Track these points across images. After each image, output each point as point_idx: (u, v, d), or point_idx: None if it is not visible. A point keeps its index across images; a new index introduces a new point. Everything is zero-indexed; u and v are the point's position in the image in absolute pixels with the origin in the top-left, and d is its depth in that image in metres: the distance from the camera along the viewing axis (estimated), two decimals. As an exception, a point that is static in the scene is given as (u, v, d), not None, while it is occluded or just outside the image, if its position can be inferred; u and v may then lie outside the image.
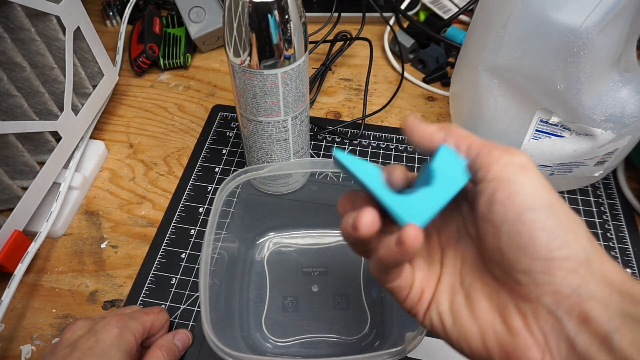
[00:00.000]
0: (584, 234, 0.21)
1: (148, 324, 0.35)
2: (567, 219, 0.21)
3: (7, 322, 0.40)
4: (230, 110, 0.55)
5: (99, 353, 0.31)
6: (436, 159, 0.23)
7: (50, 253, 0.44)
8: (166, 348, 0.35)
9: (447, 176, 0.22)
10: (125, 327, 0.33)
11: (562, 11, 0.34)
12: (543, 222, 0.20)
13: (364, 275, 0.41)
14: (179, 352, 0.36)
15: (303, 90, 0.38)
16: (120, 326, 0.33)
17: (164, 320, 0.37)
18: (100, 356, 0.31)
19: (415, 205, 0.22)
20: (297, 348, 0.38)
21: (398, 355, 0.29)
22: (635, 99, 0.37)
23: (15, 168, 0.42)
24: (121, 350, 0.31)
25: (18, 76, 0.40)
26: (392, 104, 0.56)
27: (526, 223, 0.20)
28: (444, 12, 0.61)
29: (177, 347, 0.36)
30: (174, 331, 0.37)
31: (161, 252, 0.43)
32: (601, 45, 0.34)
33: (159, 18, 0.60)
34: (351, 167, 0.23)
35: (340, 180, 0.47)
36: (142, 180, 0.49)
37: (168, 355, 0.34)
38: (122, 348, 0.32)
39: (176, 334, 0.36)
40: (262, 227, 0.44)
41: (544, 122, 0.40)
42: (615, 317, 0.19)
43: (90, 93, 0.48)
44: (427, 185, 0.23)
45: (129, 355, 0.32)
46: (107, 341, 0.31)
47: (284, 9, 0.32)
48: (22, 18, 0.39)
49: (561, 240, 0.20)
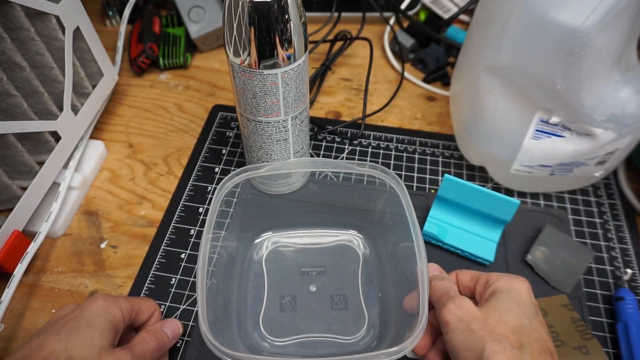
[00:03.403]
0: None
1: (136, 306, 0.35)
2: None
3: (6, 322, 0.40)
4: (230, 110, 0.55)
5: (82, 320, 0.31)
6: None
7: (49, 253, 0.44)
8: (154, 333, 0.34)
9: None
10: (112, 300, 0.33)
11: (562, 11, 0.34)
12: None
13: (362, 275, 0.41)
14: (168, 341, 0.35)
15: (303, 90, 0.38)
16: (107, 300, 0.33)
17: (152, 306, 0.36)
18: (83, 322, 0.30)
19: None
20: (295, 348, 0.37)
21: (396, 355, 0.29)
22: (635, 99, 0.37)
23: (15, 168, 0.42)
24: (106, 319, 0.31)
25: (17, 76, 0.40)
26: (392, 104, 0.56)
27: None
28: (444, 12, 0.61)
29: (166, 335, 0.35)
30: (163, 320, 0.36)
31: (161, 252, 0.43)
32: (601, 45, 0.34)
33: (159, 18, 0.60)
34: None
35: (340, 180, 0.47)
36: (141, 180, 0.49)
37: (156, 340, 0.34)
38: (107, 318, 0.31)
39: (165, 323, 0.36)
40: (261, 227, 0.44)
41: (544, 122, 0.40)
42: None
43: (90, 93, 0.48)
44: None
45: (113, 326, 0.32)
46: (92, 311, 0.31)
47: (284, 8, 0.32)
48: (22, 18, 0.39)
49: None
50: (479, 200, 0.40)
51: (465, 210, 0.42)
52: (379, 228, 0.43)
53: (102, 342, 0.30)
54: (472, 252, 0.42)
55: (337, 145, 0.52)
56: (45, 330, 0.31)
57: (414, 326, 0.30)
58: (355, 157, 0.51)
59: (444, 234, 0.42)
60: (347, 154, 0.51)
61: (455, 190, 0.41)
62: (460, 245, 0.42)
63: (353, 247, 0.43)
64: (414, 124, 0.54)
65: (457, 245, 0.42)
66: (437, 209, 0.43)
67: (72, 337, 0.30)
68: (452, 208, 0.43)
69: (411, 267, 0.34)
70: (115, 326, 0.32)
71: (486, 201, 0.40)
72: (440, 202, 0.43)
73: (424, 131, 0.53)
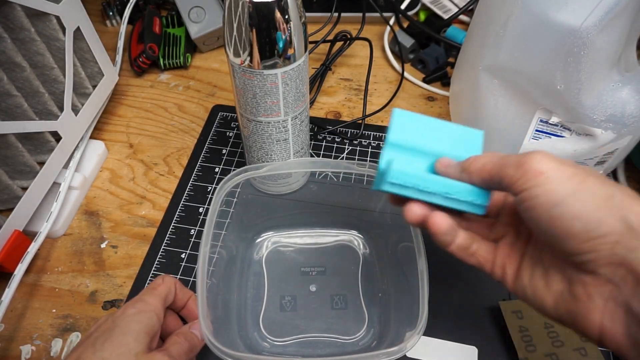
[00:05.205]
0: (617, 204, 0.22)
1: (163, 293, 0.34)
2: (595, 197, 0.22)
3: (7, 322, 0.40)
4: (230, 110, 0.55)
5: (116, 328, 0.30)
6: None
7: (50, 253, 0.44)
8: (183, 334, 0.34)
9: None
10: (141, 305, 0.32)
11: (562, 11, 0.34)
12: (572, 212, 0.22)
13: (362, 275, 0.41)
14: (198, 341, 0.34)
15: (303, 90, 0.38)
16: (136, 306, 0.32)
17: (172, 282, 0.36)
18: (116, 330, 0.30)
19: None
20: (295, 347, 0.38)
21: (396, 354, 0.29)
22: (635, 99, 0.37)
23: (15, 168, 0.42)
24: (140, 323, 0.31)
25: (18, 76, 0.40)
26: (392, 104, 0.56)
27: (557, 218, 0.23)
28: (444, 12, 0.61)
29: (196, 335, 0.34)
30: (190, 323, 0.36)
31: (161, 252, 0.43)
32: (601, 45, 0.34)
33: (159, 18, 0.60)
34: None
35: (340, 180, 0.47)
36: (142, 180, 0.49)
37: (187, 341, 0.33)
38: (141, 322, 0.31)
39: (192, 324, 0.35)
40: (261, 227, 0.44)
41: (544, 122, 0.40)
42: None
43: (90, 93, 0.48)
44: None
45: (148, 330, 0.31)
46: (125, 317, 0.31)
47: (284, 9, 0.32)
48: (22, 18, 0.39)
49: (595, 220, 0.22)
50: (440, 139, 0.29)
51: (426, 157, 0.29)
52: (379, 228, 0.43)
53: (138, 347, 0.30)
54: (461, 197, 0.28)
55: (337, 146, 0.52)
56: (82, 344, 0.31)
57: (414, 326, 0.30)
58: (355, 157, 0.51)
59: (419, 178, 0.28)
60: (347, 154, 0.51)
61: (409, 130, 0.29)
62: (442, 190, 0.28)
63: (353, 247, 0.43)
64: (414, 124, 0.54)
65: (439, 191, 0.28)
66: (397, 163, 0.28)
67: (107, 346, 0.29)
68: (411, 156, 0.29)
69: (411, 267, 0.34)
70: (150, 329, 0.31)
71: (449, 138, 0.30)
72: (395, 151, 0.29)
73: (424, 131, 0.53)
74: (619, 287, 0.22)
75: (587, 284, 0.23)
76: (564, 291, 0.25)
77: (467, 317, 0.39)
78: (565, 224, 0.22)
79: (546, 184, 0.23)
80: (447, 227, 0.27)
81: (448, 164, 0.28)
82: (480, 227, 0.30)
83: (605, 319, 0.23)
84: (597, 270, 0.23)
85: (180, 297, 0.36)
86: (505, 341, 0.38)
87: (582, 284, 0.24)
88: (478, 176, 0.26)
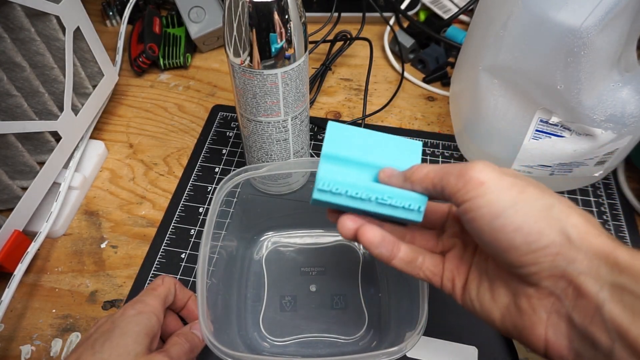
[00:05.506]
0: (556, 215, 0.22)
1: (163, 294, 0.34)
2: (534, 208, 0.22)
3: (6, 322, 0.40)
4: (230, 110, 0.55)
5: (115, 329, 0.30)
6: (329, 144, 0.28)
7: (50, 253, 0.44)
8: (184, 335, 0.34)
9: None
10: (141, 306, 0.32)
11: (562, 11, 0.34)
12: (513, 224, 0.22)
13: (362, 275, 0.41)
14: (199, 342, 0.34)
15: (303, 90, 0.38)
16: (136, 307, 0.32)
17: (171, 282, 0.36)
18: (116, 332, 0.30)
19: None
20: (295, 348, 0.38)
21: (396, 355, 0.29)
22: (635, 99, 0.37)
23: (15, 168, 0.42)
24: (139, 324, 0.31)
25: (18, 76, 0.40)
26: (392, 104, 0.56)
27: (499, 230, 0.22)
28: (444, 12, 0.61)
29: (196, 336, 0.34)
30: (191, 323, 0.36)
31: (161, 252, 0.43)
32: (601, 45, 0.34)
33: (159, 18, 0.60)
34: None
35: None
36: (142, 180, 0.49)
37: (188, 342, 0.33)
38: (141, 323, 0.31)
39: (193, 325, 0.35)
40: (261, 227, 0.44)
41: (544, 122, 0.40)
42: (605, 288, 0.21)
43: (90, 93, 0.48)
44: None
45: (147, 331, 0.31)
46: (124, 318, 0.31)
47: (284, 9, 0.32)
48: (22, 18, 0.39)
49: (536, 232, 0.22)
50: (378, 151, 0.29)
51: (365, 168, 0.28)
52: (379, 228, 0.43)
53: (138, 349, 0.30)
54: (395, 203, 0.27)
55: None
56: (81, 346, 0.31)
57: (414, 326, 0.30)
58: (355, 157, 0.51)
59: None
60: (347, 154, 0.51)
61: (345, 142, 0.28)
62: (374, 194, 0.27)
63: (353, 247, 0.43)
64: (413, 124, 0.54)
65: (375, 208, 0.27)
66: (328, 172, 0.28)
67: (107, 347, 0.29)
68: (346, 167, 0.28)
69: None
70: (150, 330, 0.31)
71: (387, 150, 0.29)
72: (329, 163, 0.28)
73: (424, 131, 0.53)
74: (561, 299, 0.22)
75: (531, 296, 0.23)
76: (510, 304, 0.24)
77: (467, 317, 0.39)
78: (506, 236, 0.22)
79: (487, 195, 0.23)
80: (379, 239, 0.27)
81: (391, 173, 0.27)
82: (426, 240, 0.29)
83: (549, 332, 0.23)
84: (540, 282, 0.22)
85: (180, 297, 0.36)
86: (505, 341, 0.38)
87: (527, 297, 0.23)
88: (421, 185, 0.26)
